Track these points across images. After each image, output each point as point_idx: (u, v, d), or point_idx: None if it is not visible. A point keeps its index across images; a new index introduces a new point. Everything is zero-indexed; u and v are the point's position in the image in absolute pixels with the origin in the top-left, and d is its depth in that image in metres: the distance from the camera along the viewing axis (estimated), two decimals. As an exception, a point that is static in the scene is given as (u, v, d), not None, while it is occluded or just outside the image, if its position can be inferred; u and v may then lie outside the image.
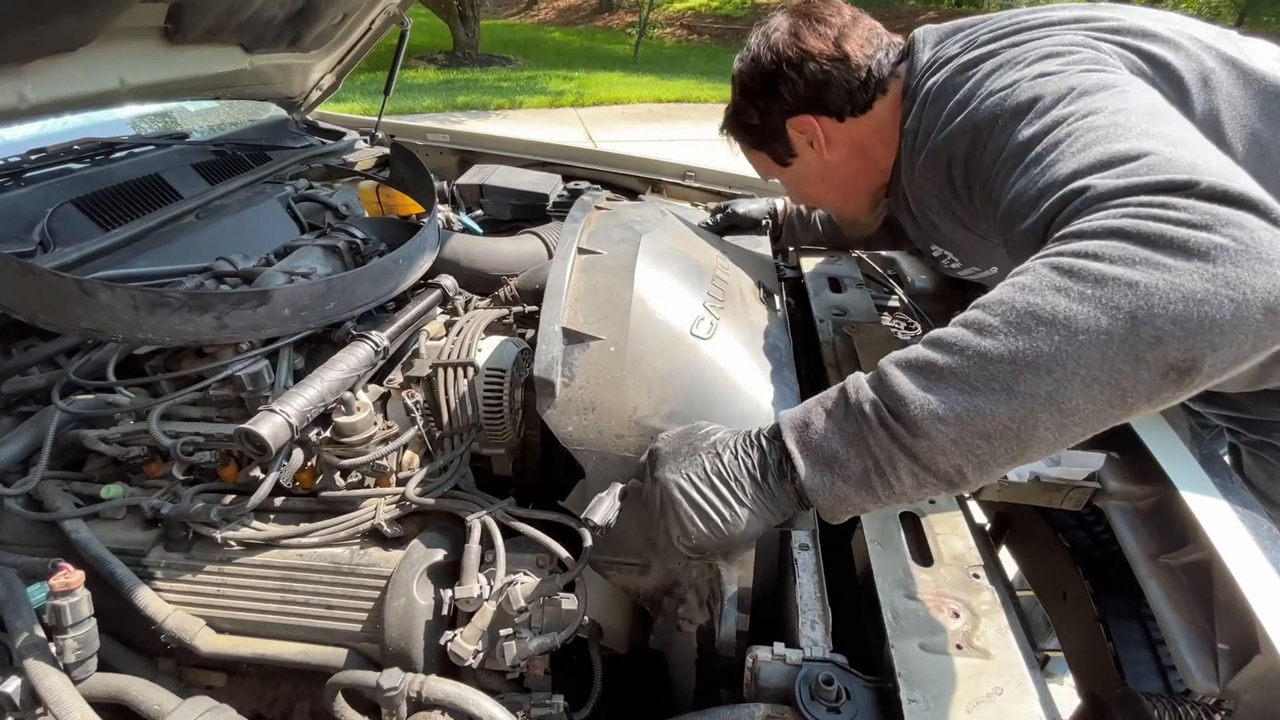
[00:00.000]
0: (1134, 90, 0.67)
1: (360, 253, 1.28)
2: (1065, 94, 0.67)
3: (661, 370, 0.83)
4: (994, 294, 0.56)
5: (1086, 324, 0.49)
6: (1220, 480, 0.85)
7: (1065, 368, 0.50)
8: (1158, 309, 0.47)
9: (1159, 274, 0.48)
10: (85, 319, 0.87)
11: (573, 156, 2.13)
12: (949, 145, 0.80)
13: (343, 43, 1.98)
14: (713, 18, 19.06)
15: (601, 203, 1.13)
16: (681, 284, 0.94)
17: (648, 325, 0.85)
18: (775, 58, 0.97)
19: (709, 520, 0.66)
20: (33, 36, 1.11)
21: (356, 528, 0.88)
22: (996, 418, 0.52)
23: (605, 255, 0.94)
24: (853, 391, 0.60)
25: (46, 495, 0.92)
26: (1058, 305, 0.50)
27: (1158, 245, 0.49)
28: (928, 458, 0.55)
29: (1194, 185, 0.51)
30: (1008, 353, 0.52)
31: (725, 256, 1.10)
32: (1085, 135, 0.61)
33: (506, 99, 9.83)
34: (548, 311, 0.85)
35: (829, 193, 1.12)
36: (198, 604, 0.87)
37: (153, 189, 1.44)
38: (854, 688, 0.66)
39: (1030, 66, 0.73)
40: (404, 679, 0.74)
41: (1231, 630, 0.72)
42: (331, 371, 0.92)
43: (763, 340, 0.94)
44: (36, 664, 0.73)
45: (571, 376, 0.83)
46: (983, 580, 0.74)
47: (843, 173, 1.05)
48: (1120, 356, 0.49)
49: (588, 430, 0.81)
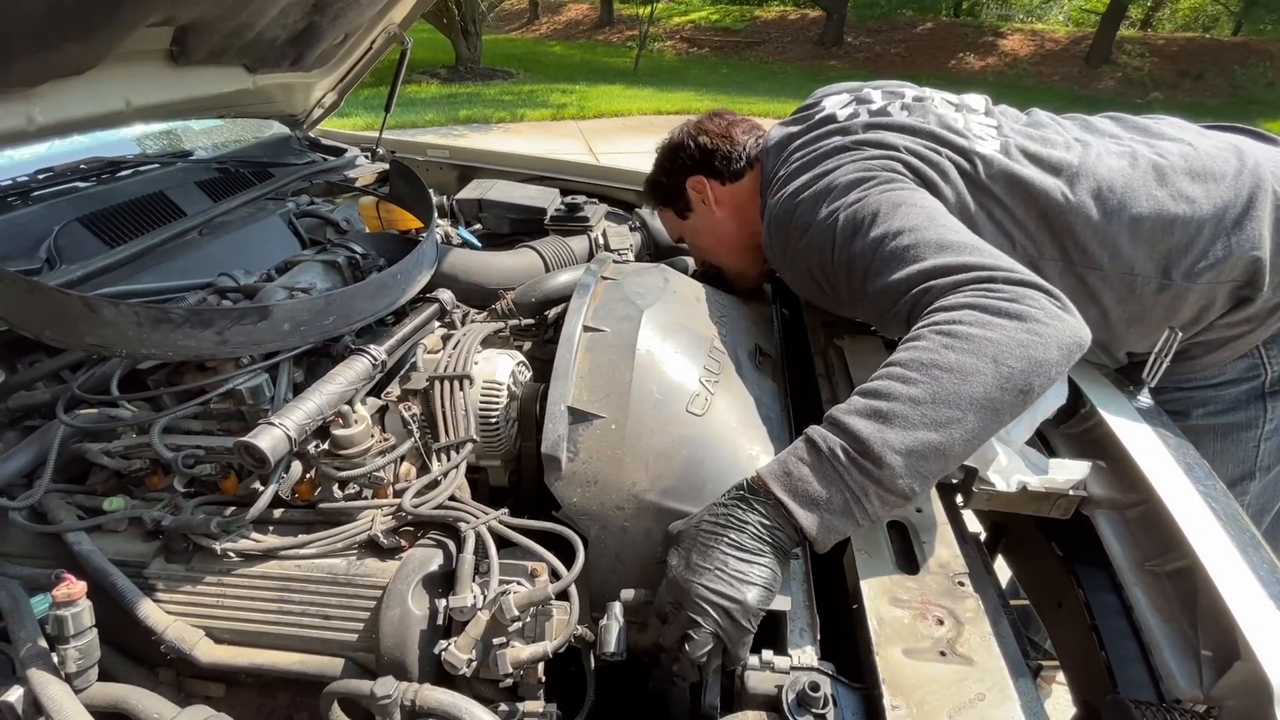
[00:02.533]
0: (916, 202, 0.95)
1: (360, 268, 1.30)
2: (874, 216, 0.94)
3: (658, 447, 0.88)
4: (901, 355, 0.78)
5: (971, 366, 0.73)
6: (1204, 488, 0.86)
7: (965, 399, 0.72)
8: (1006, 353, 0.73)
9: (1001, 332, 0.74)
10: (90, 334, 0.89)
11: (570, 171, 2.16)
12: (804, 258, 1.06)
13: (344, 62, 2.01)
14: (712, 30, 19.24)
15: (608, 270, 1.16)
16: (680, 358, 0.98)
17: (645, 404, 0.91)
18: (681, 134, 1.36)
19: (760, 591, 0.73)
20: (40, 61, 1.14)
21: (354, 538, 0.90)
22: (930, 442, 0.72)
23: (609, 333, 0.99)
24: (820, 441, 0.76)
25: (50, 508, 0.93)
26: (950, 357, 0.74)
27: (995, 313, 0.76)
28: (890, 482, 0.73)
29: (998, 275, 0.80)
30: (928, 394, 0.73)
31: (724, 322, 1.14)
32: (907, 250, 0.88)
33: (508, 112, 9.92)
34: (555, 391, 0.92)
35: (717, 245, 1.38)
36: (197, 615, 0.88)
37: (157, 206, 1.46)
38: (840, 695, 0.67)
39: (844, 196, 0.99)
40: (398, 688, 0.75)
41: (1214, 636, 0.73)
42: (330, 385, 0.94)
43: (756, 412, 0.98)
44: (39, 673, 0.74)
45: (576, 452, 0.89)
46: (967, 588, 0.75)
47: (727, 229, 1.33)
48: (995, 387, 0.73)
49: (590, 502, 0.87)
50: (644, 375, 0.93)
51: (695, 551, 0.75)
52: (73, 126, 1.35)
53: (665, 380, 0.94)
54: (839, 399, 1.12)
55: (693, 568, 0.74)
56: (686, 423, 0.91)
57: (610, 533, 0.87)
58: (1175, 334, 0.95)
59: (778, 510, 0.74)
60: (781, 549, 0.75)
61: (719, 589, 0.72)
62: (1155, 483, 0.87)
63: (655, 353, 0.96)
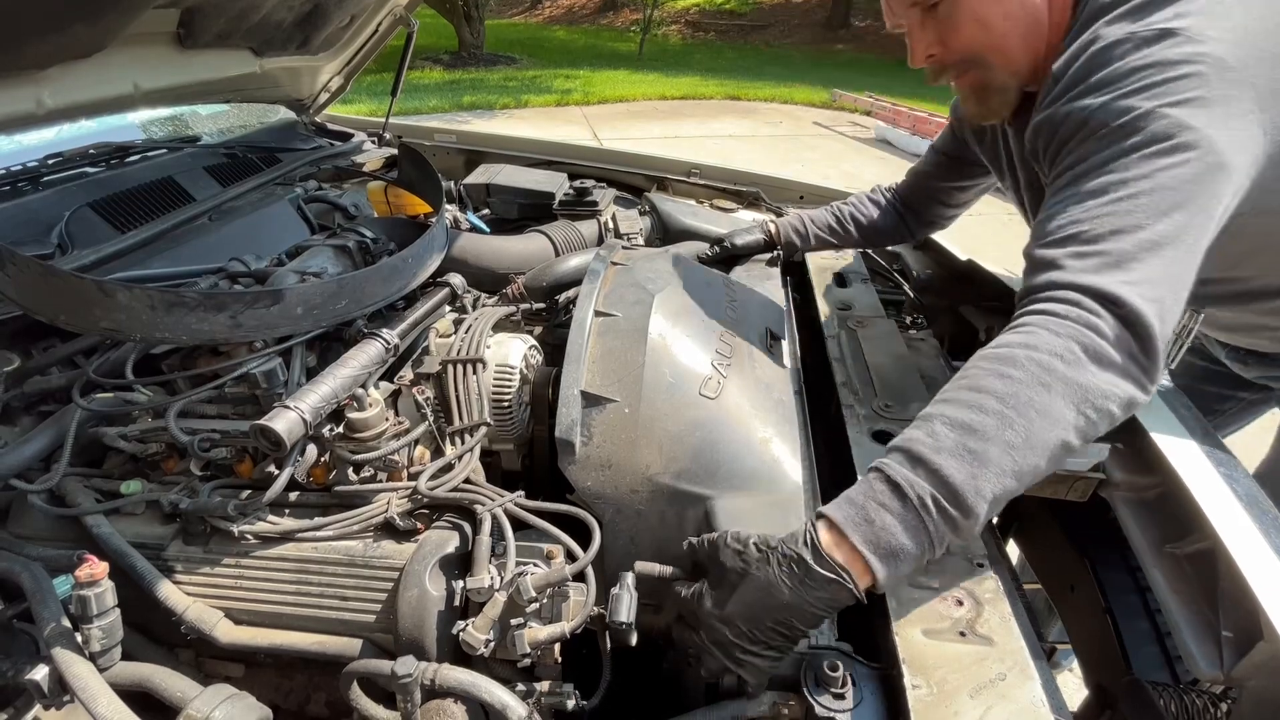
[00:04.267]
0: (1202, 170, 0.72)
1: (370, 252, 1.30)
2: (1153, 147, 0.72)
3: (672, 431, 0.88)
4: (998, 384, 0.67)
5: (1060, 411, 0.66)
6: (1225, 470, 0.85)
7: (1048, 445, 0.65)
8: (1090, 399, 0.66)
9: (1093, 378, 0.67)
10: (104, 319, 0.89)
11: (578, 155, 2.14)
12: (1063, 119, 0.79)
13: (350, 45, 2.00)
14: (717, 14, 19.01)
15: (618, 256, 1.15)
16: (691, 344, 0.97)
17: (658, 387, 0.90)
18: None
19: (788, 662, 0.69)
20: (48, 44, 1.13)
21: (370, 521, 0.90)
22: (1009, 491, 0.65)
23: (620, 318, 0.98)
24: (907, 487, 0.65)
25: (68, 491, 0.94)
26: (1044, 398, 0.66)
27: (1092, 358, 0.67)
28: (969, 532, 0.65)
29: (1120, 305, 0.68)
30: (1023, 440, 0.64)
31: (735, 306, 1.13)
32: (1115, 211, 0.71)
33: (512, 98, 9.85)
34: (567, 376, 0.91)
35: (1012, 21, 0.90)
36: (216, 596, 0.89)
37: (166, 192, 1.46)
38: (858, 674, 0.67)
39: (1174, 99, 0.73)
40: (418, 667, 0.76)
41: (1235, 618, 0.73)
42: (343, 369, 0.94)
43: (768, 395, 0.97)
44: (64, 652, 0.75)
45: (590, 436, 0.88)
46: (986, 569, 0.75)
47: (1033, 5, 0.89)
48: (1073, 432, 0.66)
49: (605, 485, 0.87)
50: (656, 359, 0.93)
51: (733, 602, 0.67)
52: (81, 110, 1.35)
53: (678, 364, 0.94)
54: (852, 382, 1.12)
55: (727, 620, 0.67)
56: (700, 406, 0.90)
57: (625, 516, 0.87)
58: (1197, 315, 0.94)
59: (841, 580, 0.64)
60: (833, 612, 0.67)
61: (748, 661, 0.66)
62: (1175, 464, 0.86)
63: (667, 337, 0.96)
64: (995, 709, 0.60)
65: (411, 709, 0.76)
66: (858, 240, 1.47)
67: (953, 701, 0.61)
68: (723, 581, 0.69)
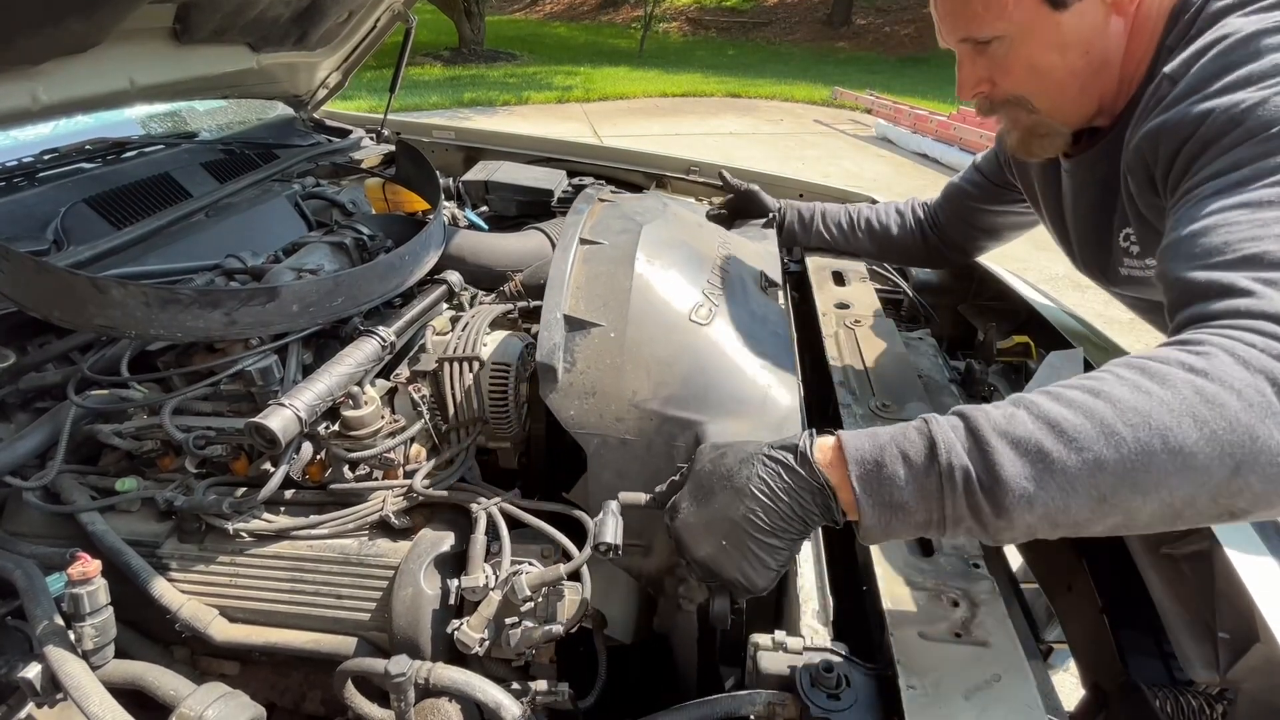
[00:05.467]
0: None
1: (367, 249, 1.29)
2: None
3: (660, 355, 0.84)
4: (1127, 394, 0.53)
5: (1203, 462, 0.49)
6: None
7: (1161, 492, 0.50)
8: (1260, 464, 0.48)
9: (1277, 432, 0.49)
10: (99, 316, 0.89)
11: (577, 152, 2.14)
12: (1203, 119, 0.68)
13: (348, 41, 1.99)
14: (718, 11, 18.97)
15: (605, 195, 1.13)
16: (681, 271, 0.95)
17: (647, 311, 0.87)
18: None
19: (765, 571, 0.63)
20: (43, 38, 1.12)
21: (365, 519, 0.90)
22: (1075, 514, 0.52)
23: (606, 245, 0.96)
24: (944, 451, 0.55)
25: (63, 488, 0.94)
26: (1188, 437, 0.50)
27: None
28: (995, 533, 0.55)
29: None
30: (1123, 468, 0.50)
31: (727, 246, 1.10)
32: None
33: (513, 95, 9.84)
34: (550, 299, 0.87)
35: (1070, 75, 0.82)
36: (211, 594, 0.89)
37: (163, 188, 1.46)
38: (854, 675, 0.67)
39: None
40: (412, 666, 0.75)
41: (1232, 619, 0.73)
42: (339, 366, 0.94)
43: (761, 326, 0.94)
44: (56, 650, 0.75)
45: (573, 362, 0.85)
46: (982, 570, 0.74)
47: (1107, 50, 0.81)
48: (1207, 495, 0.50)
49: (589, 414, 0.83)
50: (644, 283, 0.89)
51: (713, 507, 0.63)
52: (77, 106, 1.34)
53: (667, 289, 0.90)
54: (850, 382, 1.11)
55: (709, 527, 0.63)
56: (689, 330, 0.87)
57: (610, 447, 0.83)
58: None
59: (831, 495, 0.60)
60: (809, 529, 0.62)
61: (726, 569, 0.62)
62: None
63: (656, 262, 0.92)
64: (990, 710, 0.60)
65: (405, 708, 0.76)
66: (868, 248, 1.43)
67: (948, 703, 0.61)
68: (699, 488, 0.65)
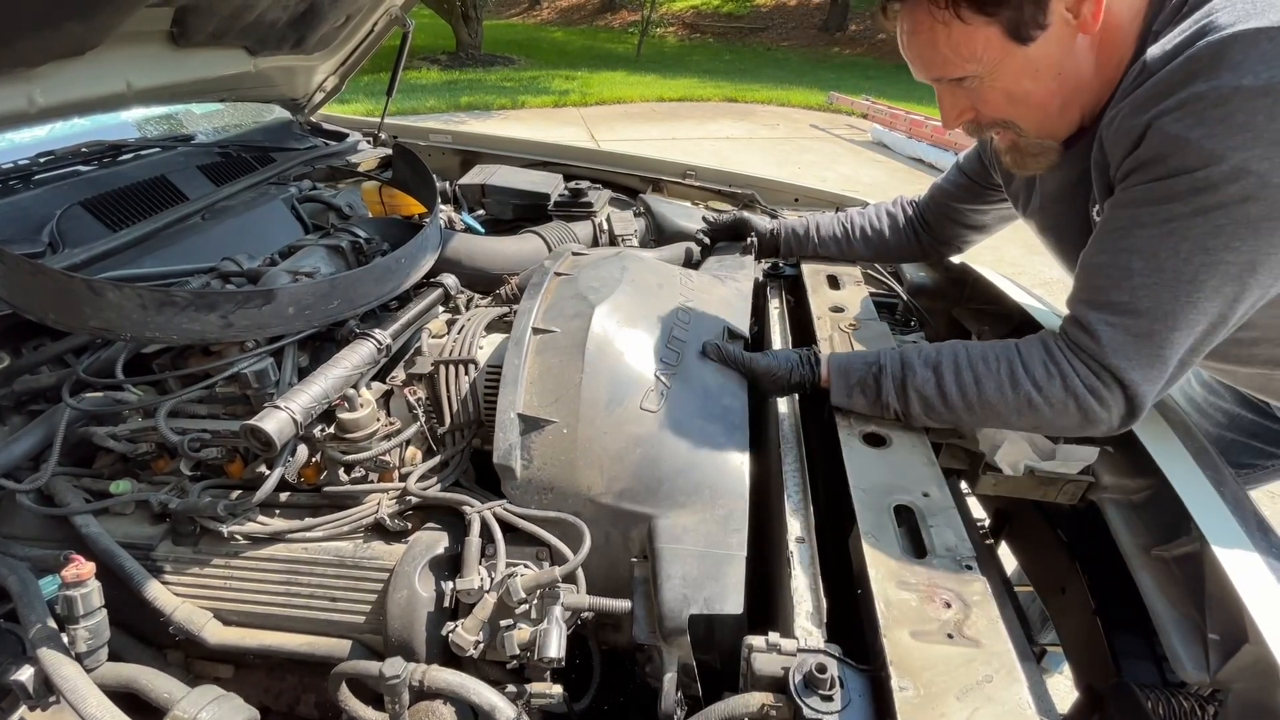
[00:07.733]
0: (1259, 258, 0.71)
1: (363, 252, 1.29)
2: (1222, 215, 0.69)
3: (611, 449, 0.86)
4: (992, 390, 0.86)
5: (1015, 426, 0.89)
6: (1211, 473, 0.86)
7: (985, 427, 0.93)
8: (1043, 429, 0.88)
9: (1067, 429, 0.85)
10: (94, 318, 0.89)
11: (574, 156, 2.14)
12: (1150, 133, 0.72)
13: (345, 45, 1.99)
14: (714, 16, 19.05)
15: (564, 266, 1.11)
16: (633, 355, 0.94)
17: (597, 405, 0.88)
18: None
19: None
20: (41, 41, 1.13)
21: (360, 522, 0.90)
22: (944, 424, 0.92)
23: (559, 334, 0.95)
24: (886, 394, 0.91)
25: (57, 491, 0.94)
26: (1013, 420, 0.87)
27: (1082, 419, 0.82)
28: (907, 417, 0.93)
29: (1136, 400, 0.79)
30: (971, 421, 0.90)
31: (690, 306, 1.09)
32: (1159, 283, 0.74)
33: (509, 99, 9.85)
34: (504, 398, 0.89)
35: (1048, 97, 0.85)
36: (205, 597, 0.89)
37: (159, 190, 1.46)
38: (847, 676, 0.67)
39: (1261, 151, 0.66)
40: (406, 668, 0.75)
41: (1222, 620, 0.73)
42: (335, 369, 0.94)
43: (715, 402, 0.94)
44: (50, 653, 0.75)
45: (530, 459, 0.87)
46: (975, 572, 0.75)
47: (1081, 68, 0.83)
48: None
49: (549, 509, 0.87)
50: (594, 375, 0.90)
51: None
52: (74, 108, 1.34)
53: (617, 378, 0.91)
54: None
55: None
56: (640, 420, 0.88)
57: (570, 540, 0.85)
58: None
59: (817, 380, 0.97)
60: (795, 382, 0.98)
61: None
62: (1164, 467, 0.86)
63: (607, 350, 0.93)
64: (982, 711, 0.60)
65: (400, 710, 0.76)
66: (864, 254, 1.44)
67: (940, 703, 0.61)
68: None
